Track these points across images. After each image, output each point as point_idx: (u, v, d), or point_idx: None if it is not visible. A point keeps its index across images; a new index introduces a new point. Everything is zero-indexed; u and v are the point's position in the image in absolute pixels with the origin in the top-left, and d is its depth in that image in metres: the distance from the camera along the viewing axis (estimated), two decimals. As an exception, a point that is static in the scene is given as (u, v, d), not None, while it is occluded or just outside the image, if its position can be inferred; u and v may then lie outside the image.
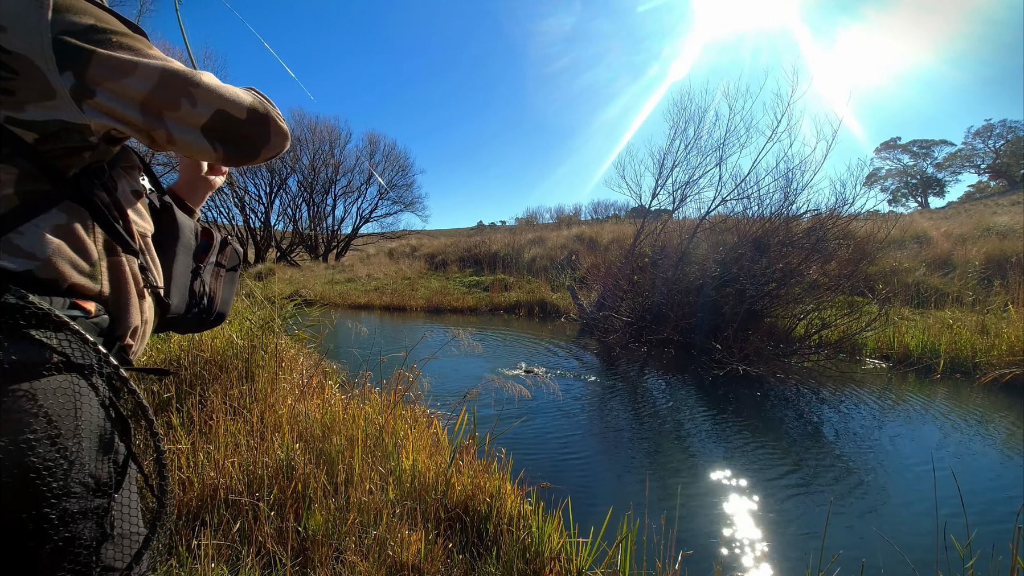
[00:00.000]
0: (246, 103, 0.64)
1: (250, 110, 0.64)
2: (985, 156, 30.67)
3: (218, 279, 0.86)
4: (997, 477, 2.93)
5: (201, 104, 0.59)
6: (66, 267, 0.54)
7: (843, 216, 6.22)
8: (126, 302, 0.61)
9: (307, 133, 23.28)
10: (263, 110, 0.66)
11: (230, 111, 0.62)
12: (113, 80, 0.54)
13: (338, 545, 1.64)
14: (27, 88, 0.51)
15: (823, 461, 3.18)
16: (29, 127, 0.52)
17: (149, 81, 0.56)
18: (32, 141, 0.52)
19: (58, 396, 0.49)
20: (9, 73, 0.50)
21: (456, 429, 2.43)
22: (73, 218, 0.56)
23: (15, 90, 0.50)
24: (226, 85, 0.64)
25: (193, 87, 0.59)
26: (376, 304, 11.80)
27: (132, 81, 0.55)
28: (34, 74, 0.50)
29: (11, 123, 0.51)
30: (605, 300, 7.75)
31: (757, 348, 5.16)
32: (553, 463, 3.10)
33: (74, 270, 0.55)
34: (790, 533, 2.35)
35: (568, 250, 14.34)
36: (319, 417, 2.32)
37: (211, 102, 0.60)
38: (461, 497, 1.97)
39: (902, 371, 5.22)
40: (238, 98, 0.64)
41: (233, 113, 0.62)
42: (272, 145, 0.69)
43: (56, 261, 0.53)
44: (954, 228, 11.18)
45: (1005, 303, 6.52)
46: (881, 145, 34.10)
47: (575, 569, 1.73)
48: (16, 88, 0.50)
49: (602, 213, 27.91)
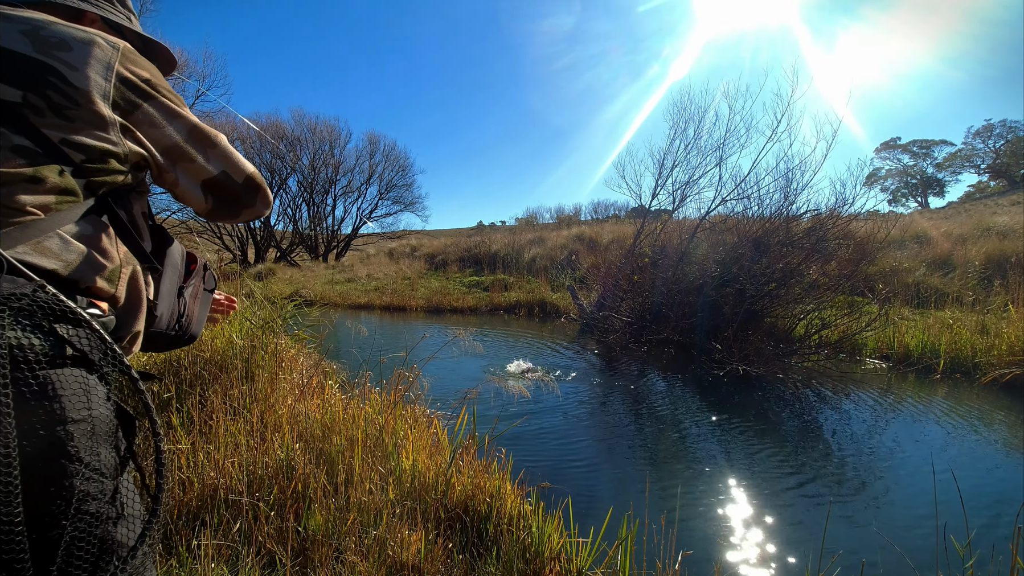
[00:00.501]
0: (247, 171, 0.79)
1: (248, 177, 0.79)
2: (985, 156, 30.66)
3: (195, 300, 0.92)
4: (997, 477, 2.93)
5: (213, 161, 0.73)
6: (88, 270, 0.60)
7: (843, 216, 6.22)
8: (136, 308, 0.68)
9: (307, 133, 23.29)
10: (259, 179, 0.81)
11: (233, 174, 0.76)
12: (151, 126, 0.65)
13: (338, 545, 1.64)
14: (83, 118, 0.60)
15: (823, 461, 3.18)
16: (78, 149, 0.60)
17: (179, 134, 0.68)
18: (79, 161, 0.61)
19: (73, 385, 0.53)
20: (71, 104, 0.59)
21: (456, 429, 2.43)
22: (99, 229, 0.63)
23: (73, 118, 0.59)
24: (234, 151, 0.78)
25: (211, 147, 0.73)
26: (376, 304, 11.80)
27: (166, 130, 0.67)
28: (91, 108, 0.60)
29: (64, 144, 0.59)
30: (605, 300, 7.75)
31: (757, 348, 5.16)
32: (553, 463, 3.10)
33: (95, 274, 0.61)
34: (790, 533, 2.35)
35: (568, 250, 14.34)
36: (319, 417, 2.32)
37: (222, 162, 0.74)
38: (461, 497, 1.97)
39: (902, 371, 5.22)
40: (241, 164, 0.78)
41: (234, 175, 0.77)
42: (254, 210, 0.82)
43: (79, 264, 0.59)
44: (954, 228, 11.18)
45: (1005, 303, 6.52)
46: (881, 145, 34.10)
47: (575, 569, 1.73)
48: (74, 116, 0.59)
49: (602, 213, 27.92)
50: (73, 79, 0.58)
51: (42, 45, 0.58)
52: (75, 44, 0.60)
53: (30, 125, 0.57)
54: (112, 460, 0.56)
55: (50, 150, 0.58)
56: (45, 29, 0.59)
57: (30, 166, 0.57)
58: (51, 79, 0.57)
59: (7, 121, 0.56)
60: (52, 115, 0.57)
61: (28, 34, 0.58)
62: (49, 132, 0.58)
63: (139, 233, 0.71)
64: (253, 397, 2.43)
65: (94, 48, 0.60)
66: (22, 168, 0.56)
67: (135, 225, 0.70)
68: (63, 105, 0.58)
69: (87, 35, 0.61)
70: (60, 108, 0.58)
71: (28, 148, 0.57)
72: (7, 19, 0.59)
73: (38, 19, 0.60)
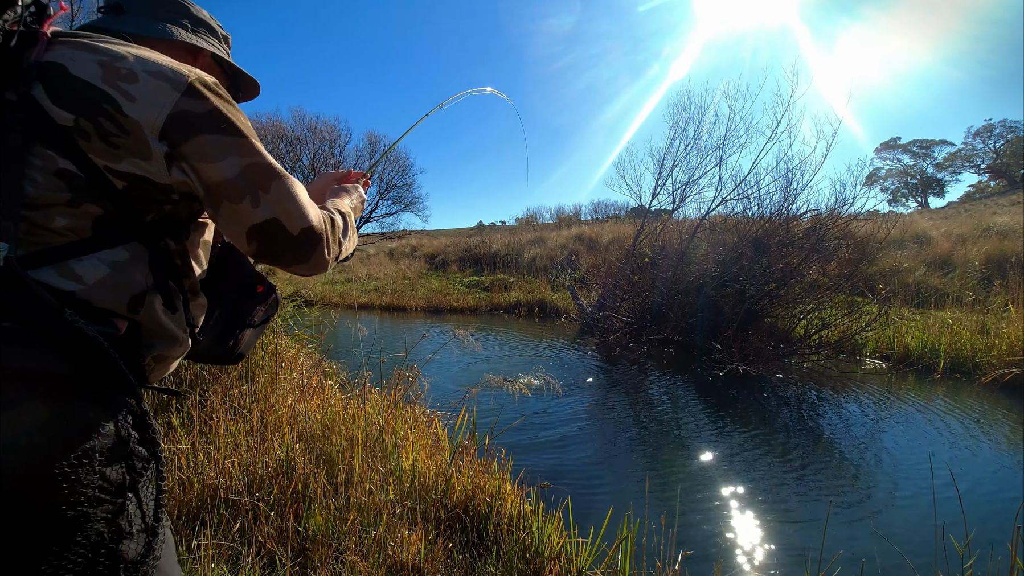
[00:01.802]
0: (307, 222, 0.67)
1: (306, 230, 0.67)
2: (985, 156, 30.64)
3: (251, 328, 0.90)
4: (997, 477, 2.93)
5: (263, 206, 0.64)
6: (105, 296, 0.60)
7: (843, 216, 6.22)
8: (156, 331, 0.67)
9: (307, 133, 23.26)
10: (318, 235, 0.68)
11: (285, 223, 0.65)
12: (200, 159, 0.61)
13: (338, 545, 1.64)
14: (128, 147, 0.59)
15: (823, 461, 3.18)
16: (121, 177, 0.60)
17: (228, 171, 0.62)
18: (121, 188, 0.60)
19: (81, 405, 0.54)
20: (121, 132, 0.58)
21: (456, 429, 2.43)
22: (133, 258, 0.63)
23: (120, 146, 0.59)
24: (300, 197, 0.67)
25: (265, 190, 0.64)
26: (376, 304, 11.80)
27: (215, 165, 0.62)
28: (140, 138, 0.59)
29: (108, 171, 0.59)
30: (605, 300, 7.74)
31: (757, 348, 5.16)
32: (553, 463, 3.10)
33: (113, 299, 0.61)
34: (790, 533, 2.35)
35: (568, 250, 14.34)
36: (319, 417, 2.32)
37: (273, 208, 0.64)
38: (461, 497, 1.97)
39: (902, 371, 5.22)
40: (300, 213, 0.66)
41: (286, 225, 0.65)
42: (307, 267, 0.70)
43: (98, 290, 0.59)
44: (954, 228, 11.18)
45: (1005, 303, 6.52)
46: (881, 145, 34.08)
47: (575, 569, 1.73)
48: (120, 144, 0.59)
49: (602, 213, 27.90)
50: (127, 109, 0.58)
51: (111, 76, 0.58)
52: (144, 77, 0.59)
53: (77, 149, 0.57)
54: (119, 477, 0.56)
55: (93, 175, 0.58)
56: (121, 61, 0.59)
57: (70, 190, 0.58)
58: (106, 107, 0.57)
59: (56, 144, 0.56)
60: (99, 141, 0.58)
61: (103, 64, 0.59)
62: (95, 158, 0.58)
63: (184, 264, 0.70)
64: (253, 397, 2.43)
65: (160, 81, 0.60)
66: (61, 192, 0.57)
67: (183, 256, 0.69)
68: (112, 133, 0.58)
69: (161, 69, 0.61)
70: (108, 135, 0.58)
71: (71, 172, 0.57)
72: (91, 49, 0.60)
73: (118, 52, 0.60)
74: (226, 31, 0.87)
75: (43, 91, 0.57)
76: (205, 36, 0.80)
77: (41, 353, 0.53)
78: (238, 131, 0.63)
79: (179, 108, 0.60)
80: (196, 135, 0.61)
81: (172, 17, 0.77)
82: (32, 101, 0.56)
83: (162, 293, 0.66)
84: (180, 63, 0.64)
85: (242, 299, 0.84)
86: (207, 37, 0.81)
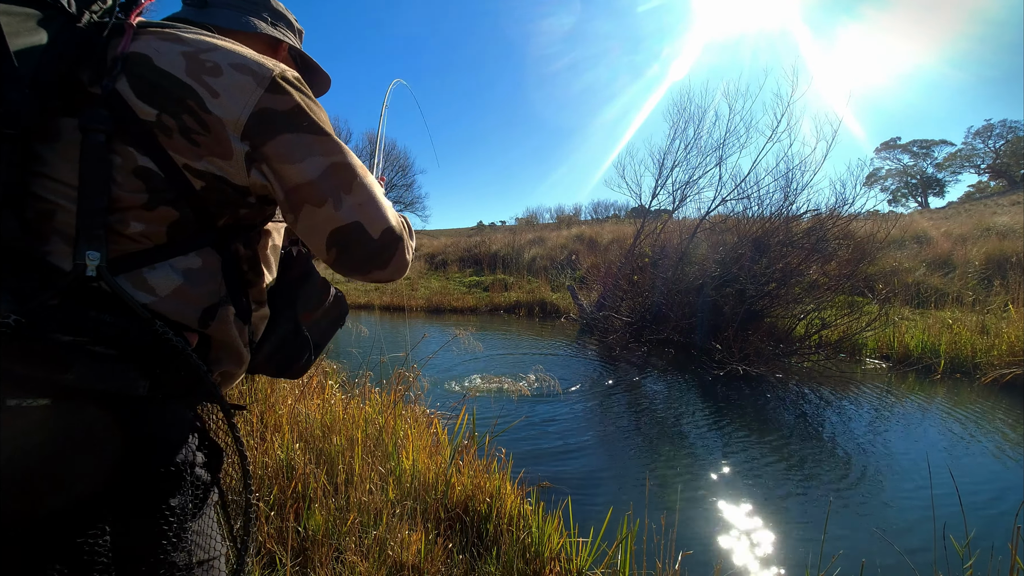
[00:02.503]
0: (387, 223, 0.63)
1: (386, 231, 0.63)
2: (985, 156, 30.64)
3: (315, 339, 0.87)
4: (997, 477, 2.93)
5: (345, 209, 0.60)
6: (178, 308, 0.58)
7: (843, 216, 6.23)
8: (225, 345, 0.64)
9: (307, 133, 23.24)
10: (397, 236, 0.65)
11: (367, 227, 0.61)
12: (281, 160, 0.58)
13: (338, 545, 1.64)
14: (209, 145, 0.56)
15: (823, 461, 3.18)
16: (200, 176, 0.57)
17: (311, 172, 0.59)
18: (199, 188, 0.58)
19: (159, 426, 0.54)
20: (202, 129, 0.56)
21: (456, 429, 2.43)
22: (206, 264, 0.60)
23: (201, 144, 0.56)
24: (379, 197, 0.64)
25: (348, 191, 0.60)
26: (376, 304, 11.80)
27: (297, 166, 0.58)
28: (221, 136, 0.56)
29: (187, 169, 0.56)
30: (605, 300, 7.75)
31: (757, 348, 5.16)
32: (553, 463, 3.10)
33: (185, 312, 0.58)
34: (790, 533, 2.35)
35: (568, 250, 14.34)
36: (319, 417, 2.32)
37: (355, 212, 0.60)
38: (461, 497, 1.97)
39: (902, 371, 5.22)
40: (381, 216, 0.63)
41: (368, 229, 0.61)
42: (385, 273, 0.66)
43: (171, 302, 0.57)
44: (954, 228, 11.18)
45: (1005, 303, 6.52)
46: (881, 145, 34.07)
47: (575, 569, 1.73)
48: (202, 142, 0.56)
49: (602, 213, 27.90)
50: (211, 105, 0.55)
51: (195, 69, 0.56)
52: (228, 71, 0.57)
53: (158, 146, 0.55)
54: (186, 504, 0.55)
55: (172, 174, 0.56)
56: (207, 53, 0.57)
57: (147, 191, 0.55)
58: (190, 102, 0.55)
59: (137, 140, 0.54)
60: (181, 137, 0.55)
61: (187, 56, 0.56)
62: (175, 155, 0.55)
63: (255, 271, 0.67)
64: (253, 397, 2.43)
65: (244, 76, 0.57)
66: (139, 193, 0.55)
67: (253, 262, 0.67)
68: (193, 129, 0.55)
69: (246, 62, 0.58)
70: (189, 131, 0.55)
71: (150, 171, 0.55)
72: (177, 40, 0.57)
73: (205, 43, 0.58)
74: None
75: (127, 84, 0.54)
76: (283, 29, 0.80)
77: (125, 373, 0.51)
78: (320, 129, 0.60)
79: (262, 105, 0.57)
80: (278, 134, 0.58)
81: (254, 10, 0.76)
82: (116, 96, 0.53)
83: (235, 304, 0.63)
84: (264, 56, 0.62)
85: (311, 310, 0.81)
86: (284, 31, 0.80)
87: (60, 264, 0.52)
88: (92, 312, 0.51)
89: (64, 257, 0.53)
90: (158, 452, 0.52)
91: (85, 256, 0.51)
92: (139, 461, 0.51)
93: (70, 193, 0.53)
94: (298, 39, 0.84)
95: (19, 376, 0.47)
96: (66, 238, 0.53)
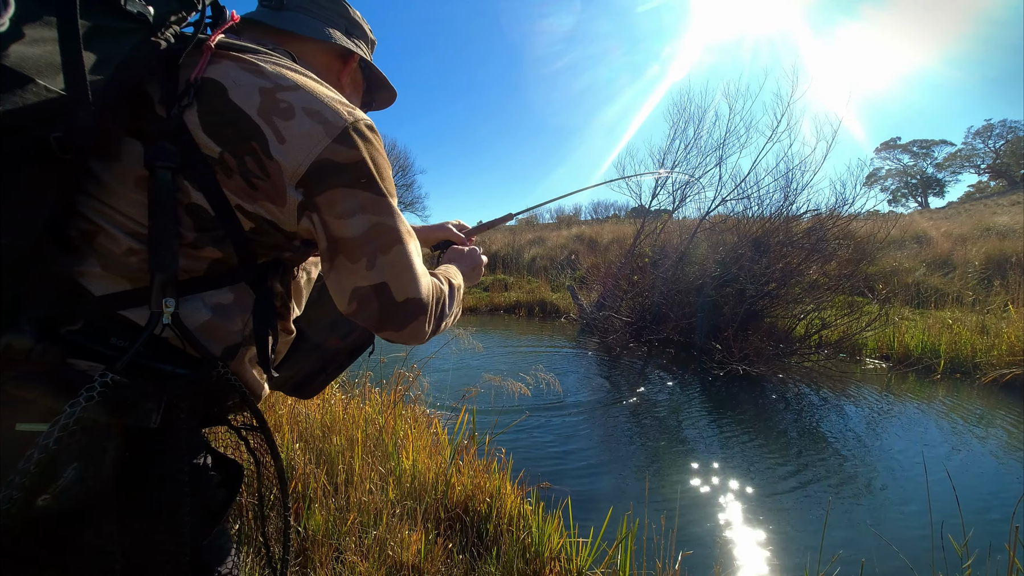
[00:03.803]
0: (415, 293, 0.61)
1: (411, 300, 0.61)
2: (985, 156, 30.64)
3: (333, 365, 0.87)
4: (996, 477, 2.93)
5: (376, 270, 0.59)
6: (207, 341, 0.57)
7: (843, 216, 6.23)
8: (244, 374, 0.64)
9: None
10: (422, 307, 0.63)
11: (393, 289, 0.60)
12: (329, 213, 0.57)
13: (338, 545, 1.64)
14: (265, 189, 0.55)
15: (823, 461, 3.18)
16: (251, 218, 0.56)
17: (354, 229, 0.58)
18: (248, 229, 0.57)
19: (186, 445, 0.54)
20: (262, 174, 0.54)
21: (456, 429, 2.43)
22: (237, 300, 0.59)
23: (257, 187, 0.55)
24: (416, 265, 0.62)
25: (384, 252, 0.59)
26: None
27: (343, 221, 0.57)
28: (278, 183, 0.55)
29: (239, 209, 0.55)
30: (605, 300, 7.74)
31: (757, 348, 5.16)
32: (553, 463, 3.10)
33: (209, 347, 0.57)
34: (790, 533, 2.36)
35: (568, 250, 14.34)
36: (319, 417, 2.32)
37: (384, 273, 0.59)
38: (461, 497, 1.97)
39: (902, 371, 5.22)
40: (411, 283, 0.61)
41: (393, 291, 0.60)
42: (400, 336, 0.64)
43: (201, 334, 0.56)
44: (954, 228, 11.18)
45: (1005, 303, 6.52)
46: (881, 145, 34.07)
47: (575, 569, 1.73)
48: (259, 186, 0.55)
49: (602, 213, 27.89)
50: (274, 150, 0.53)
51: (269, 108, 0.53)
52: (300, 115, 0.54)
53: (215, 183, 0.53)
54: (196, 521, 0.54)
55: (224, 213, 0.54)
56: (284, 92, 0.54)
57: (195, 229, 0.54)
58: (254, 144, 0.53)
59: (195, 176, 0.52)
60: (239, 178, 0.53)
61: (264, 92, 0.53)
62: (230, 195, 0.54)
63: (285, 307, 0.67)
64: (253, 397, 2.43)
65: (316, 124, 0.54)
66: (187, 231, 0.53)
67: (285, 299, 0.66)
68: (253, 172, 0.54)
69: (321, 109, 0.55)
70: (249, 174, 0.54)
71: (202, 208, 0.53)
72: (256, 72, 0.55)
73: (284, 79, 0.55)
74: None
75: (196, 114, 0.52)
76: (356, 40, 0.77)
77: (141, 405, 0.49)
78: (375, 187, 0.58)
79: (325, 156, 0.54)
80: (333, 187, 0.55)
81: (331, 18, 0.73)
82: (183, 129, 0.51)
83: (257, 344, 0.61)
84: (343, 101, 0.59)
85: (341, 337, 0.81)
86: (358, 41, 0.77)
87: (90, 287, 0.51)
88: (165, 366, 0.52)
89: (95, 281, 0.51)
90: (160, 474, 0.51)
91: (162, 304, 0.51)
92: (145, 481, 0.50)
93: (115, 218, 0.52)
94: (370, 50, 0.81)
95: (30, 402, 0.46)
96: (103, 262, 0.52)
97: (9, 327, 0.44)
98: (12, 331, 0.44)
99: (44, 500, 0.43)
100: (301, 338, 0.76)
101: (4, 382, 0.45)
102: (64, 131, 0.44)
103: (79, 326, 0.50)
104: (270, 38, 0.67)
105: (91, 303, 0.50)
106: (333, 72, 0.75)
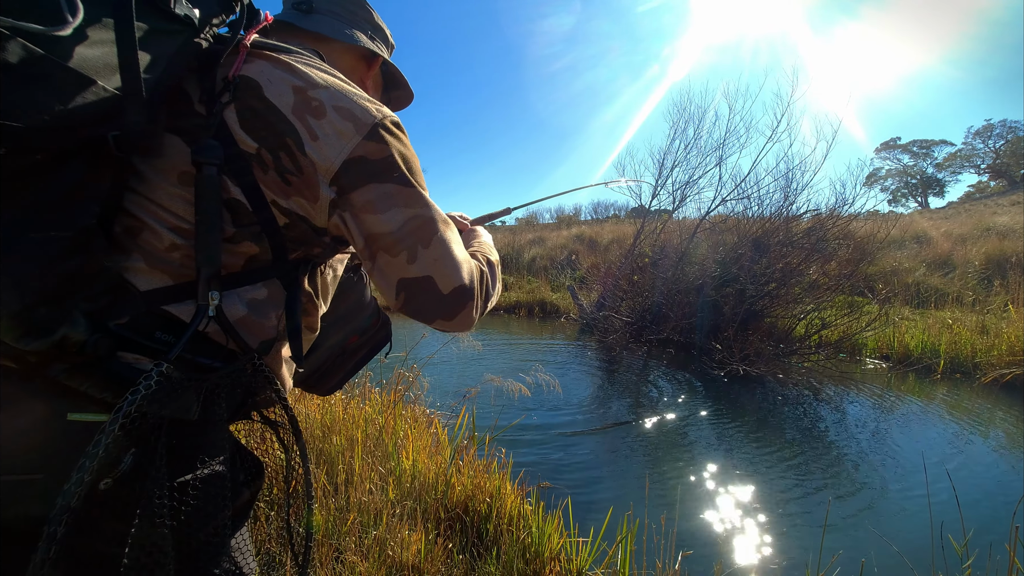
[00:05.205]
0: (459, 282, 0.62)
1: (457, 289, 0.62)
2: (985, 156, 30.64)
3: (350, 361, 0.88)
4: (996, 477, 2.93)
5: (418, 263, 0.59)
6: (237, 338, 0.58)
7: (843, 216, 6.23)
8: (277, 369, 0.66)
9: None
10: (468, 294, 0.63)
11: (438, 281, 0.61)
12: (364, 208, 0.58)
13: (338, 545, 1.64)
14: (299, 186, 0.56)
15: (823, 461, 3.18)
16: (285, 213, 0.58)
17: (391, 222, 0.58)
18: (281, 224, 0.58)
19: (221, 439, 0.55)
20: (296, 171, 0.56)
21: (456, 429, 2.43)
22: (271, 296, 0.61)
23: (292, 183, 0.56)
24: (456, 253, 0.63)
25: (426, 245, 0.60)
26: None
27: (379, 216, 0.58)
28: (311, 180, 0.56)
29: (274, 205, 0.57)
30: (605, 300, 7.74)
31: (757, 348, 5.16)
32: (553, 463, 3.10)
33: (247, 341, 0.59)
34: (790, 533, 2.36)
35: (568, 250, 14.34)
36: (319, 417, 2.32)
37: (428, 266, 0.60)
38: (461, 497, 1.97)
39: (902, 371, 5.22)
40: (455, 272, 0.62)
41: (439, 283, 0.61)
42: (450, 324, 0.65)
43: (236, 329, 0.58)
44: (954, 228, 11.19)
45: (1005, 303, 6.52)
46: (881, 145, 34.07)
47: (575, 569, 1.73)
48: (293, 183, 0.56)
49: (602, 213, 27.89)
50: (308, 148, 0.55)
51: (302, 107, 0.55)
52: (331, 113, 0.56)
53: (252, 179, 0.55)
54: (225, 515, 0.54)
55: (260, 208, 0.56)
56: (315, 90, 0.56)
57: (234, 224, 0.55)
58: (289, 141, 0.54)
59: (234, 171, 0.54)
60: (275, 174, 0.55)
61: (297, 91, 0.55)
62: (266, 190, 0.56)
63: (312, 302, 0.68)
64: (253, 397, 2.43)
65: (346, 121, 0.56)
66: (227, 225, 0.55)
67: (312, 296, 0.68)
68: (288, 169, 0.55)
69: (350, 106, 0.57)
70: (284, 171, 0.55)
71: (239, 203, 0.55)
72: (289, 70, 0.57)
73: (315, 79, 0.57)
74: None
75: (234, 111, 0.54)
76: (379, 44, 0.80)
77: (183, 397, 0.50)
78: (408, 180, 0.59)
79: (357, 153, 0.56)
80: (366, 184, 0.57)
81: (357, 22, 0.76)
82: (223, 126, 0.53)
83: (291, 339, 0.63)
84: (371, 99, 0.61)
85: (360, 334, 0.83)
86: (380, 45, 0.80)
87: (135, 282, 0.52)
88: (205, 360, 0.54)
89: (140, 276, 0.52)
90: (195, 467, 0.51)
91: (209, 297, 0.52)
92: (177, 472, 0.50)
93: (158, 213, 0.53)
94: (389, 53, 0.84)
95: (79, 393, 0.47)
96: (147, 258, 0.53)
97: (64, 320, 0.45)
98: (68, 324, 0.45)
99: (106, 484, 0.44)
100: (323, 335, 0.77)
101: (57, 373, 0.46)
102: (121, 129, 0.46)
103: (125, 320, 0.51)
104: (299, 39, 0.69)
105: (137, 298, 0.52)
106: (358, 73, 0.78)
